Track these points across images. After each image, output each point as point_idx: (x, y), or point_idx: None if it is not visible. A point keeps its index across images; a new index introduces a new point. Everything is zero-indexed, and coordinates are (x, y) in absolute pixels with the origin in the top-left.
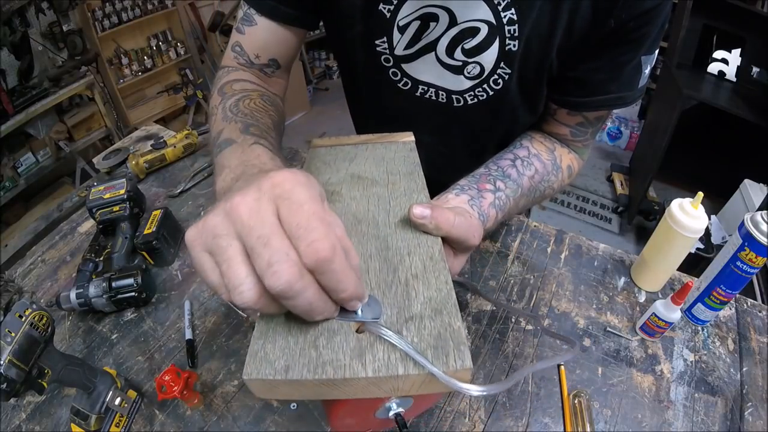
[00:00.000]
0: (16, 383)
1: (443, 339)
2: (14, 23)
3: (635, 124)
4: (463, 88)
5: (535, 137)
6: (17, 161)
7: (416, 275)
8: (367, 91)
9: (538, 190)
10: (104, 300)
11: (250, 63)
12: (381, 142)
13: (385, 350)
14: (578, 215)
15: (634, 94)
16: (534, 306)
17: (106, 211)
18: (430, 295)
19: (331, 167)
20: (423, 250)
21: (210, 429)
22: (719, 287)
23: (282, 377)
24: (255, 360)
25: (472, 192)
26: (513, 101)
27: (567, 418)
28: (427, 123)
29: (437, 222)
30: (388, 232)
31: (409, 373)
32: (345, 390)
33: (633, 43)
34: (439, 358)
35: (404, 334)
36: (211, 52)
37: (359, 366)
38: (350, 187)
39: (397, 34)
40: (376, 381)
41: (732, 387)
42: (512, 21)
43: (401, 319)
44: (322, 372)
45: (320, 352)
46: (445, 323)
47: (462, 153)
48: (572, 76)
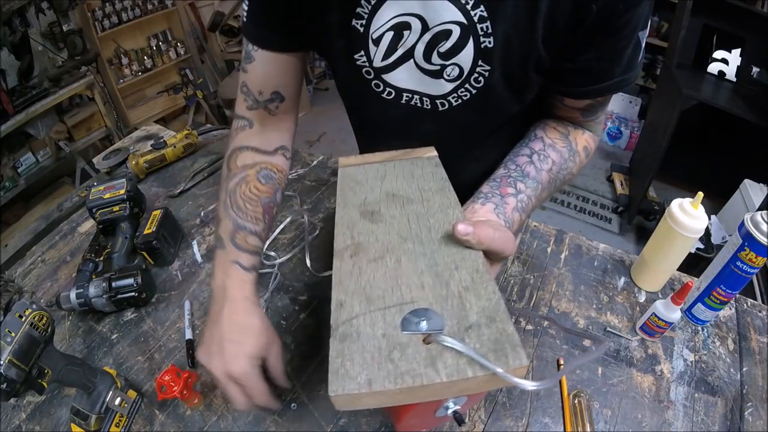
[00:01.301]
0: (16, 383)
1: (500, 343)
2: (14, 23)
3: (635, 124)
4: (445, 91)
5: (548, 124)
6: (17, 161)
7: (467, 288)
8: (356, 103)
9: (557, 179)
10: (104, 300)
11: (255, 102)
12: (407, 159)
13: (453, 357)
14: (578, 215)
15: (637, 71)
16: (534, 306)
17: (106, 211)
18: (482, 305)
19: (364, 186)
20: (469, 263)
21: (210, 429)
22: (719, 287)
23: (366, 390)
24: (338, 377)
25: (496, 199)
26: (498, 96)
27: (567, 418)
28: (416, 129)
29: (480, 238)
30: (433, 249)
31: (477, 375)
32: (420, 395)
33: (627, 26)
34: (500, 359)
35: (466, 341)
36: (211, 52)
37: (434, 373)
38: (388, 206)
39: (373, 47)
40: (449, 384)
41: (732, 387)
42: (483, 18)
43: (461, 328)
44: (402, 382)
45: (396, 364)
46: (500, 329)
47: (456, 152)
48: (574, 67)
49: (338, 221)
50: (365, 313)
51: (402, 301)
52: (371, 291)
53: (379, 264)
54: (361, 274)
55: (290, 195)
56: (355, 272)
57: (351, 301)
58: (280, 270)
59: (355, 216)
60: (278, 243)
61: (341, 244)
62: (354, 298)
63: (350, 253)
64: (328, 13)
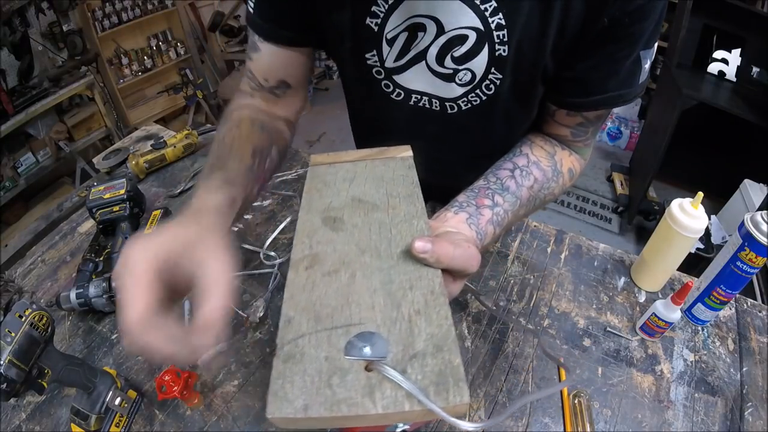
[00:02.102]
0: (16, 383)
1: (444, 376)
2: (14, 23)
3: (635, 124)
4: (456, 95)
5: (535, 142)
6: (17, 161)
7: (418, 311)
8: (362, 103)
9: (537, 198)
10: (104, 300)
11: (260, 86)
12: (380, 159)
13: (392, 388)
14: (578, 215)
15: (635, 90)
16: (534, 306)
17: (106, 211)
18: (432, 332)
19: (331, 188)
20: (424, 283)
21: (210, 429)
22: (719, 287)
23: (302, 415)
24: (276, 399)
25: (471, 209)
26: (507, 104)
27: (567, 418)
28: (422, 131)
29: (438, 256)
30: (390, 264)
31: (414, 409)
32: (357, 422)
33: (629, 38)
34: (440, 394)
35: (408, 371)
36: (211, 52)
37: (370, 404)
38: (352, 213)
39: (386, 47)
40: (386, 416)
41: (732, 387)
42: (500, 26)
43: (406, 356)
44: (337, 410)
45: (334, 391)
46: (445, 360)
47: (458, 157)
48: (570, 76)
49: (299, 228)
50: (312, 332)
51: (350, 322)
52: (321, 309)
53: (333, 278)
54: (314, 289)
55: (290, 195)
56: (308, 286)
57: (299, 319)
58: (280, 270)
59: (317, 223)
60: (278, 243)
61: (298, 254)
62: (303, 315)
63: (306, 265)
64: (341, 10)
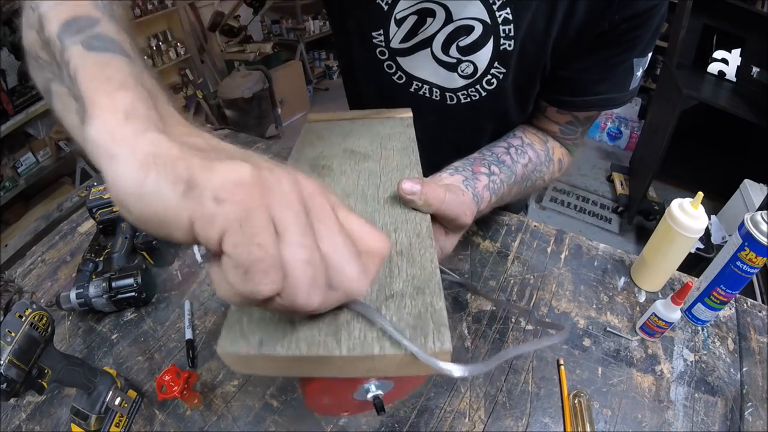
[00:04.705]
0: (16, 383)
1: (423, 319)
2: (14, 23)
3: (635, 124)
4: (457, 86)
5: (528, 129)
6: (17, 161)
7: (401, 252)
8: (363, 85)
9: (530, 179)
10: (104, 300)
11: None
12: (379, 118)
13: (361, 329)
14: (578, 215)
15: (624, 96)
16: (534, 306)
17: (106, 211)
18: (414, 273)
19: (324, 141)
20: (410, 226)
21: (210, 429)
22: (719, 287)
23: (255, 352)
24: (230, 333)
25: (467, 173)
26: (506, 102)
27: (567, 418)
28: (418, 121)
29: (427, 198)
30: (376, 207)
31: (385, 353)
32: (321, 369)
33: (625, 45)
34: (417, 339)
35: (383, 312)
36: (211, 52)
37: (334, 343)
38: (341, 162)
39: (394, 27)
40: (352, 360)
41: (732, 387)
42: (507, 20)
43: (381, 296)
44: (295, 348)
45: (296, 327)
46: (426, 303)
47: (452, 152)
48: (563, 75)
49: None
50: None
51: None
52: None
53: None
54: None
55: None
56: None
57: None
58: None
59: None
60: None
61: None
62: None
63: None
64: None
